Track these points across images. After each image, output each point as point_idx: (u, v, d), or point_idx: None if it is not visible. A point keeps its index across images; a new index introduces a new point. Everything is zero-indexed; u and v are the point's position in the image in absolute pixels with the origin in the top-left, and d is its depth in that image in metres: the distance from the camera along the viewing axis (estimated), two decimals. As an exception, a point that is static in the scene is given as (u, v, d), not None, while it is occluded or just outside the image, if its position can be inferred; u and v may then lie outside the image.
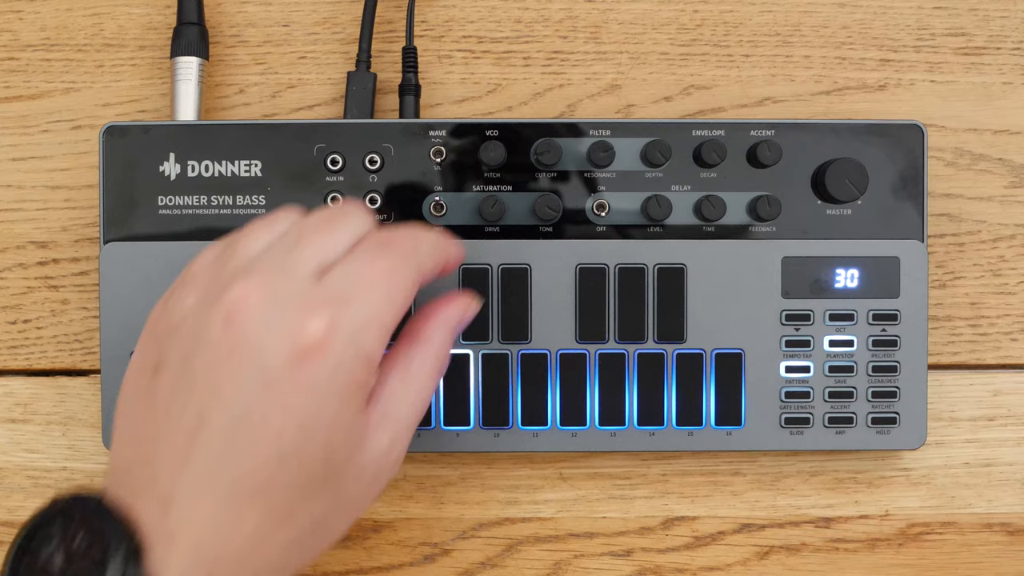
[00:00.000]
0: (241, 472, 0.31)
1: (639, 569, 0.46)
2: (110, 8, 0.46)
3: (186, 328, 0.32)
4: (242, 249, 0.34)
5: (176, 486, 0.31)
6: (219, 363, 0.31)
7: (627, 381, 0.43)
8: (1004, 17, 0.47)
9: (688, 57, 0.47)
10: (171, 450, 0.31)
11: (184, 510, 0.31)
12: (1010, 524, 0.46)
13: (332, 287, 0.32)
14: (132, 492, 0.31)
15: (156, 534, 0.30)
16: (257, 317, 0.31)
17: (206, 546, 0.31)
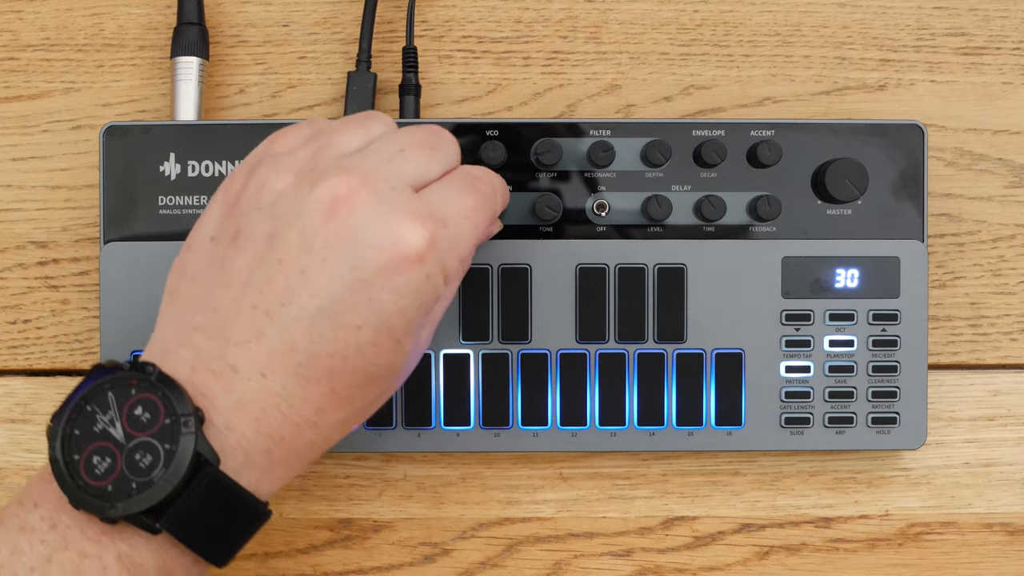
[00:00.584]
0: (317, 354, 0.32)
1: (639, 569, 0.46)
2: (110, 8, 0.46)
3: (279, 208, 0.32)
4: (338, 142, 0.34)
5: (248, 357, 0.31)
6: (314, 249, 0.31)
7: (627, 381, 0.43)
8: (1004, 17, 0.47)
9: (688, 57, 0.47)
10: (247, 322, 0.32)
11: (253, 381, 0.31)
12: (1010, 524, 0.46)
13: (432, 206, 0.33)
14: (193, 360, 0.32)
15: (220, 404, 0.31)
16: (362, 215, 0.32)
17: (269, 419, 0.32)
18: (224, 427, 0.31)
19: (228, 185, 0.35)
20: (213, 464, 0.31)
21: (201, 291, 0.33)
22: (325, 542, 0.46)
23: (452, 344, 0.43)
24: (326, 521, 0.46)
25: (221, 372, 0.32)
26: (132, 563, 0.31)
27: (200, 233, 0.34)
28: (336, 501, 0.46)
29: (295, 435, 0.32)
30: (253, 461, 0.32)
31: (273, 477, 0.33)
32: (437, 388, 0.43)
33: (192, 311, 0.33)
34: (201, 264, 0.34)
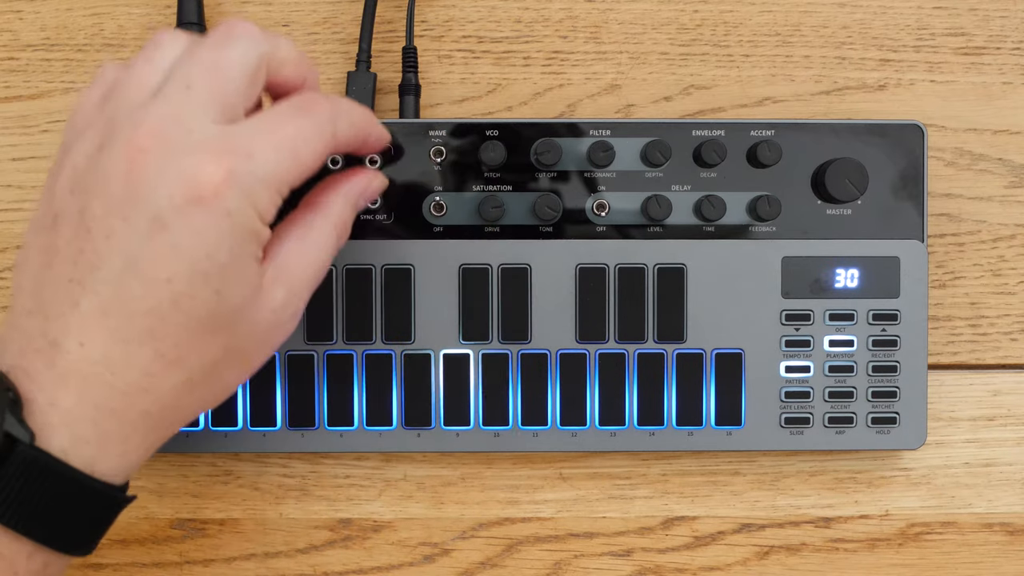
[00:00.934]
0: (132, 313, 0.31)
1: (639, 569, 0.46)
2: (110, 8, 0.46)
3: (85, 183, 0.32)
4: (129, 93, 0.33)
5: (66, 329, 0.31)
6: (115, 210, 0.31)
7: (627, 381, 0.43)
8: (1004, 17, 0.47)
9: (688, 57, 0.47)
10: (63, 295, 0.31)
11: (72, 352, 0.31)
12: (1010, 524, 0.46)
13: (235, 139, 0.32)
14: (20, 345, 0.32)
15: (42, 381, 0.31)
16: (155, 166, 0.31)
17: (94, 389, 0.31)
18: (47, 404, 0.31)
19: (48, 178, 0.35)
20: (24, 442, 0.30)
21: (29, 279, 0.33)
22: (325, 542, 0.46)
23: (452, 344, 0.43)
24: (326, 521, 0.46)
25: (43, 349, 0.31)
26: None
27: (29, 228, 0.34)
28: (336, 501, 0.46)
29: (125, 404, 0.31)
30: (81, 437, 0.31)
31: (111, 453, 0.32)
32: (437, 388, 0.43)
33: (23, 299, 0.33)
34: (28, 255, 0.33)
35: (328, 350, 0.43)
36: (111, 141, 0.32)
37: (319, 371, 0.43)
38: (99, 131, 0.33)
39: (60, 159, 0.34)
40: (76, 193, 0.32)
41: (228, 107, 0.32)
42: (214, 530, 0.46)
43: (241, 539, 0.46)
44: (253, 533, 0.46)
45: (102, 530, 0.33)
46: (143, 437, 0.33)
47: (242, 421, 0.43)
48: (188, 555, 0.46)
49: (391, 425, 0.43)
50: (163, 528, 0.46)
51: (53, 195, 0.33)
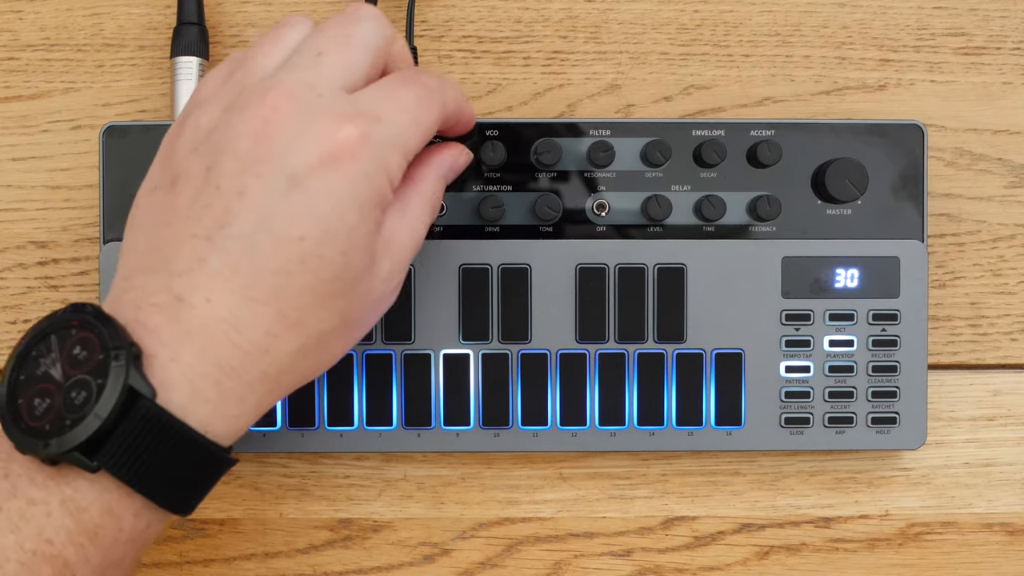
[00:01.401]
0: (261, 272, 0.31)
1: (639, 569, 0.46)
2: (110, 8, 0.46)
3: (212, 142, 0.32)
4: (257, 65, 0.34)
5: (192, 284, 0.31)
6: (247, 169, 0.31)
7: (627, 381, 0.43)
8: (1004, 17, 0.47)
9: (688, 57, 0.47)
10: (189, 251, 0.31)
11: (197, 308, 0.31)
12: (1010, 524, 0.46)
13: (363, 104, 0.33)
14: (138, 301, 0.31)
15: (164, 336, 0.31)
16: (289, 127, 0.31)
17: (217, 346, 0.31)
18: (169, 359, 0.31)
19: (163, 144, 0.35)
20: (147, 397, 0.30)
21: (145, 238, 0.33)
22: (325, 542, 0.46)
23: (452, 344, 0.43)
24: (326, 521, 0.46)
25: (165, 304, 0.31)
26: (76, 507, 0.30)
27: (141, 190, 0.34)
28: (336, 501, 0.46)
29: (245, 364, 0.31)
30: (201, 394, 0.31)
31: (226, 415, 0.32)
32: (437, 388, 0.43)
33: (138, 257, 0.33)
34: (143, 214, 0.33)
35: (328, 350, 0.43)
36: (241, 104, 0.32)
37: (319, 371, 0.43)
38: (225, 97, 0.33)
39: (179, 124, 0.34)
40: (201, 152, 0.32)
41: (354, 78, 0.33)
42: (214, 530, 0.46)
43: (241, 539, 0.46)
44: (253, 533, 0.46)
45: (205, 491, 0.33)
46: (258, 400, 0.32)
47: (242, 421, 0.43)
48: (188, 555, 0.46)
49: (391, 425, 0.43)
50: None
51: (172, 155, 0.33)
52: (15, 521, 0.30)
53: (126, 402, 0.30)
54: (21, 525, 0.30)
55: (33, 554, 0.30)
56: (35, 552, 0.30)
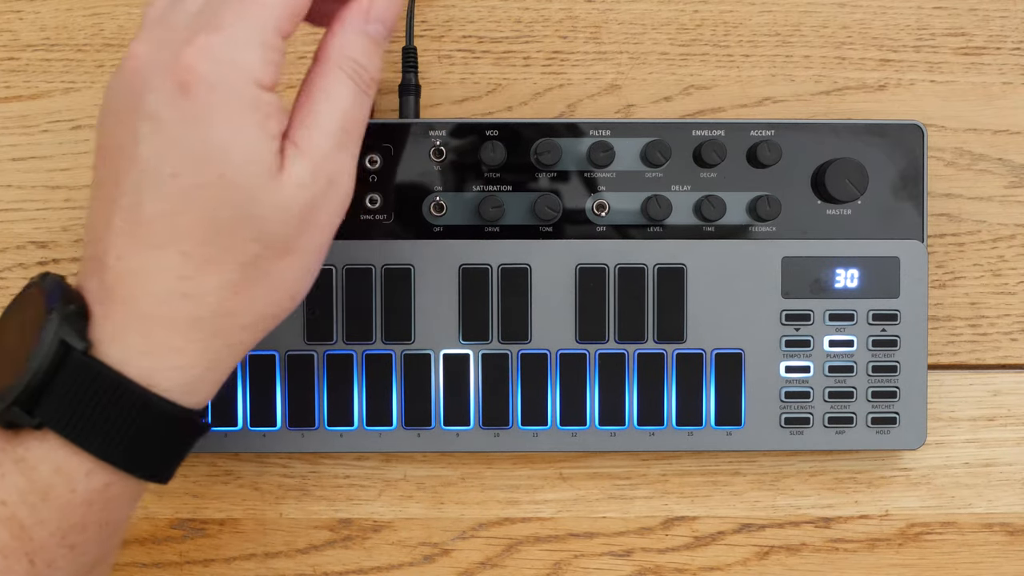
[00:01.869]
0: (151, 218, 0.31)
1: (639, 569, 0.46)
2: (110, 8, 0.46)
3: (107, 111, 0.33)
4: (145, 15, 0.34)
5: (105, 246, 0.32)
6: (123, 124, 0.32)
7: (627, 381, 0.43)
8: (1004, 17, 0.47)
9: (688, 57, 0.47)
10: (102, 217, 0.32)
11: (112, 266, 0.32)
12: (1010, 524, 0.46)
13: (204, 18, 0.31)
14: (82, 268, 0.33)
15: (96, 296, 0.32)
16: (143, 68, 0.31)
17: (136, 298, 0.31)
18: (103, 317, 0.31)
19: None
20: (78, 349, 0.30)
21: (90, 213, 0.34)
22: (325, 542, 0.46)
23: (452, 344, 0.43)
24: (326, 521, 0.46)
25: (94, 268, 0.32)
26: (27, 466, 0.31)
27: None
28: (336, 501, 0.46)
29: (170, 312, 0.31)
30: (134, 346, 0.31)
31: (168, 366, 0.31)
32: (437, 388, 0.43)
33: (87, 230, 0.34)
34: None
35: (328, 350, 0.43)
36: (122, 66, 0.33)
37: (319, 371, 0.43)
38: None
39: None
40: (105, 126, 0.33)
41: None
42: (214, 530, 0.46)
43: (241, 539, 0.46)
44: (253, 533, 0.46)
45: (171, 454, 0.33)
46: (201, 350, 0.32)
47: (242, 421, 0.43)
48: (188, 555, 0.46)
49: (391, 425, 0.43)
50: (163, 528, 0.46)
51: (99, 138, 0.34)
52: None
53: (59, 355, 0.30)
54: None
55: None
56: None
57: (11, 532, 0.31)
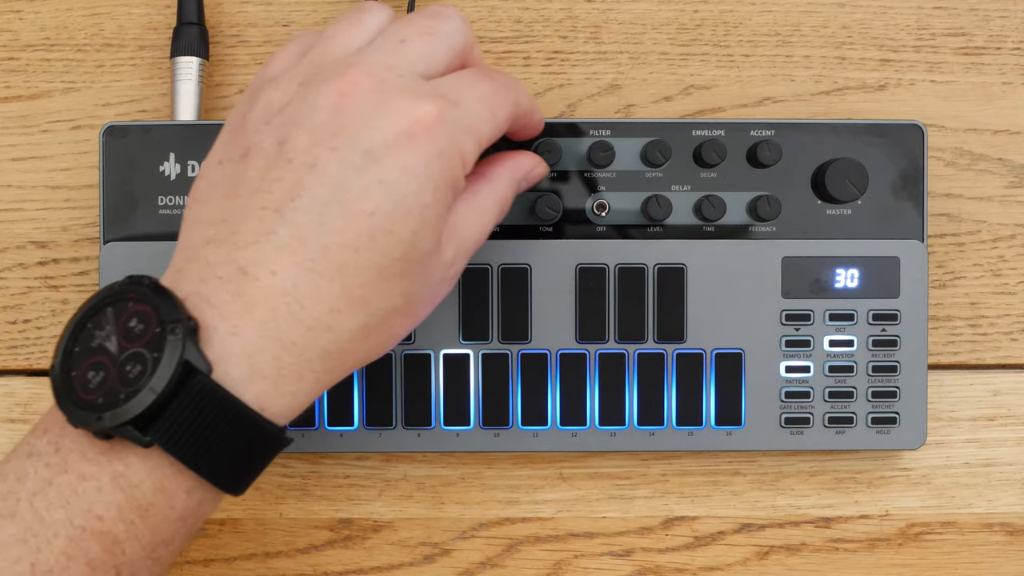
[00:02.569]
0: (328, 246, 0.31)
1: (639, 569, 0.46)
2: (110, 8, 0.46)
3: (286, 115, 0.32)
4: (336, 46, 0.34)
5: (258, 257, 0.31)
6: (323, 142, 0.31)
7: (627, 381, 0.43)
8: (1004, 17, 0.47)
9: (688, 57, 0.47)
10: (257, 222, 0.31)
11: (261, 280, 0.30)
12: (1010, 524, 0.46)
13: (441, 88, 0.33)
14: (201, 271, 0.31)
15: (225, 310, 0.30)
16: (368, 101, 0.31)
17: (279, 320, 0.30)
18: (228, 333, 0.30)
19: (232, 117, 0.35)
20: (203, 372, 0.29)
21: (211, 209, 0.32)
22: (325, 542, 0.46)
23: (452, 344, 0.43)
24: (326, 521, 0.46)
25: (229, 277, 0.31)
26: (127, 483, 0.30)
27: (208, 161, 0.34)
28: (336, 501, 0.46)
29: (307, 340, 0.31)
30: (259, 369, 0.30)
31: (283, 392, 0.31)
32: (437, 388, 0.43)
33: (203, 228, 0.32)
34: (210, 186, 0.33)
35: (328, 350, 0.43)
36: (318, 79, 0.32)
37: (319, 371, 0.43)
38: (300, 73, 0.33)
39: (251, 97, 0.34)
40: (274, 126, 0.32)
41: (433, 70, 0.33)
42: (214, 530, 0.46)
43: (241, 539, 0.46)
44: (253, 533, 0.46)
45: (258, 471, 0.33)
46: (316, 379, 0.32)
47: (242, 421, 0.43)
48: (188, 555, 0.46)
49: (391, 425, 0.43)
50: (163, 528, 0.46)
51: (243, 129, 0.33)
52: (66, 496, 0.30)
53: (181, 376, 0.29)
54: (72, 500, 0.30)
55: (83, 530, 0.30)
56: (84, 528, 0.30)
57: (104, 547, 0.30)
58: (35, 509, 0.30)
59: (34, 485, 0.30)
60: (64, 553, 0.29)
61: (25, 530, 0.29)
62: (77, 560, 0.30)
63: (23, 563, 0.29)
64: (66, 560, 0.29)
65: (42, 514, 0.30)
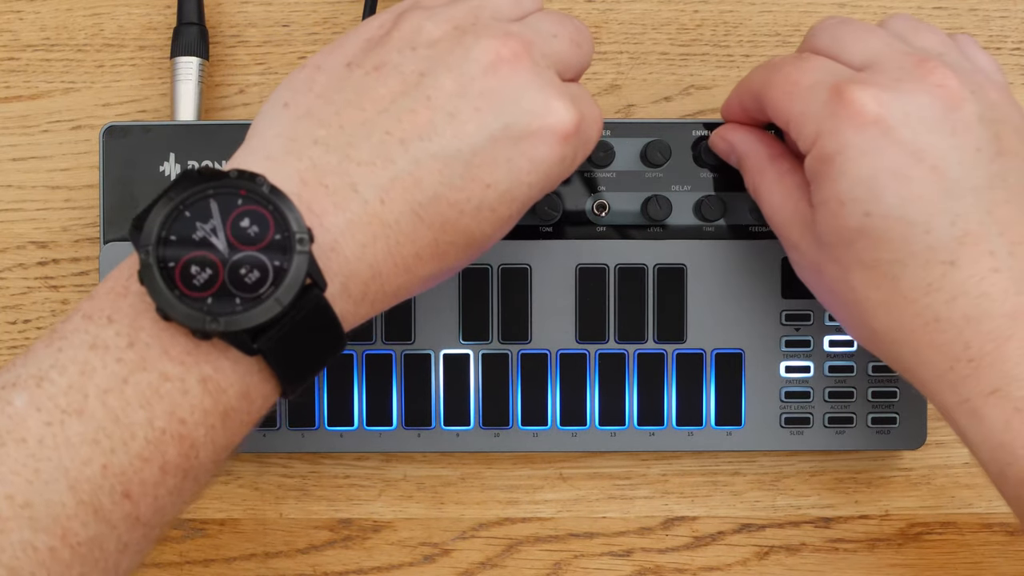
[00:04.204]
0: (439, 197, 0.31)
1: (639, 569, 0.46)
2: (110, 8, 0.46)
3: (436, 51, 0.32)
4: (495, 5, 0.34)
5: (372, 179, 0.31)
6: (468, 96, 0.31)
7: (627, 381, 0.43)
8: (1004, 17, 0.47)
9: (688, 57, 0.47)
10: (378, 144, 0.31)
11: (370, 204, 0.30)
12: (1010, 524, 0.46)
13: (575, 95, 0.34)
14: (305, 171, 0.30)
15: (328, 223, 0.30)
16: (523, 78, 0.32)
17: (376, 248, 0.31)
18: (329, 247, 0.30)
19: (367, 25, 0.34)
20: (321, 288, 0.29)
21: (327, 108, 0.32)
22: (325, 542, 0.46)
23: (452, 344, 0.43)
24: (326, 521, 0.46)
25: (337, 189, 0.30)
26: (216, 387, 0.29)
27: (334, 59, 0.33)
28: (336, 501, 0.46)
29: (391, 274, 0.31)
30: (348, 290, 0.30)
31: (358, 313, 0.31)
32: (437, 388, 0.43)
33: (312, 125, 0.31)
34: (332, 84, 0.32)
35: (328, 350, 0.43)
36: (476, 30, 0.32)
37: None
38: (458, 16, 0.33)
39: (397, 14, 0.34)
40: (420, 55, 0.32)
41: (564, 76, 0.34)
42: (214, 530, 0.46)
43: (241, 539, 0.46)
44: (253, 533, 0.46)
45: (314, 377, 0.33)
46: (382, 306, 0.32)
47: (242, 421, 0.43)
48: (188, 555, 0.46)
49: (391, 425, 0.43)
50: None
51: (384, 43, 0.33)
52: (146, 396, 0.28)
53: (302, 291, 0.29)
54: (153, 401, 0.28)
55: (163, 432, 0.28)
56: (165, 431, 0.28)
57: (181, 450, 0.29)
58: (108, 407, 0.28)
59: (104, 381, 0.28)
60: (140, 456, 0.28)
61: (97, 429, 0.28)
62: (152, 463, 0.28)
63: (94, 464, 0.27)
64: (140, 463, 0.28)
65: (117, 413, 0.28)
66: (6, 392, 0.28)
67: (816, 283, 0.37)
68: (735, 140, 0.40)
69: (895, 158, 0.33)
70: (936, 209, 0.32)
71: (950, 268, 0.32)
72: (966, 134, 0.33)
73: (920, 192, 0.32)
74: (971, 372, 0.32)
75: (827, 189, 0.34)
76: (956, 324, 0.33)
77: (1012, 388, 0.32)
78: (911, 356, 0.34)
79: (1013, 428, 0.32)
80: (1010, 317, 0.32)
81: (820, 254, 0.36)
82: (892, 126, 0.33)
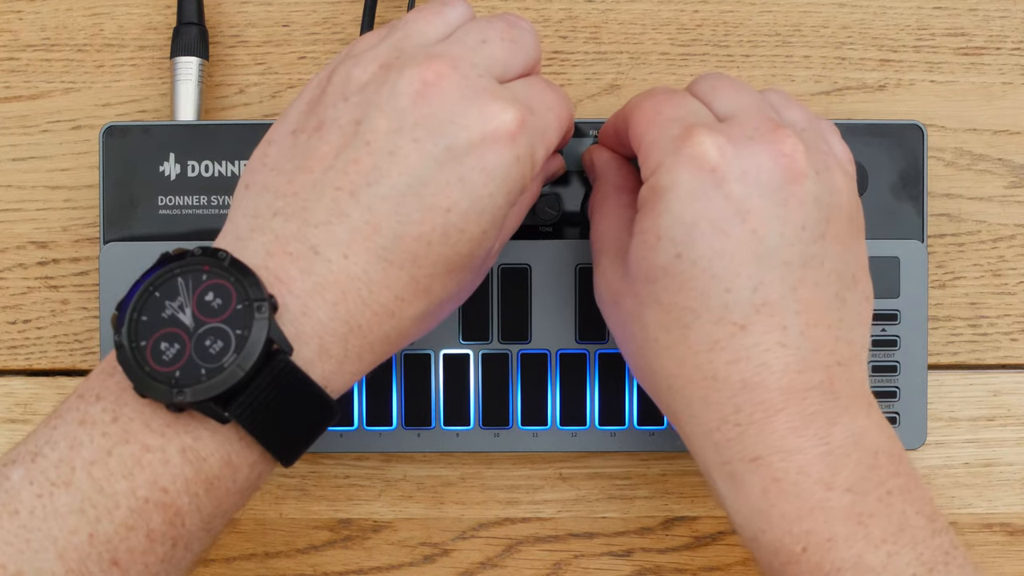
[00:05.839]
0: (401, 236, 0.31)
1: (639, 569, 0.46)
2: (110, 8, 0.47)
3: (366, 95, 0.32)
4: (418, 31, 0.34)
5: (330, 238, 0.31)
6: (404, 130, 0.31)
7: (627, 381, 0.43)
8: (1004, 17, 0.47)
9: (688, 57, 0.47)
10: (330, 202, 0.31)
11: (333, 263, 0.31)
12: (1010, 524, 0.46)
13: (519, 94, 0.33)
14: (269, 244, 0.31)
15: (296, 288, 0.31)
16: (452, 96, 0.32)
17: (349, 303, 0.31)
18: (300, 312, 0.30)
19: (308, 88, 0.35)
20: (286, 352, 0.30)
21: (280, 179, 0.32)
22: (325, 542, 0.46)
23: (452, 344, 0.43)
24: (326, 521, 0.46)
25: (300, 254, 0.31)
26: (196, 456, 0.30)
27: (281, 129, 0.34)
28: (336, 501, 0.46)
29: (372, 324, 0.31)
30: (328, 351, 0.31)
31: (345, 371, 0.32)
32: (437, 388, 0.43)
33: (271, 198, 0.32)
34: (282, 155, 0.33)
35: (328, 350, 0.43)
36: (401, 64, 0.32)
37: (319, 371, 0.43)
38: (382, 55, 0.33)
39: (330, 71, 0.34)
40: (352, 104, 0.32)
41: (507, 77, 0.34)
42: (214, 530, 0.46)
43: (241, 539, 0.46)
44: (253, 533, 0.46)
45: (310, 445, 0.33)
46: (373, 360, 0.33)
47: (242, 421, 0.43)
48: (188, 555, 0.46)
49: (391, 425, 0.43)
50: (163, 528, 0.46)
51: (320, 102, 0.33)
52: (129, 467, 0.29)
53: (265, 356, 0.29)
54: (135, 471, 0.29)
55: (146, 501, 0.29)
56: (148, 499, 0.29)
57: (166, 518, 0.30)
58: (94, 479, 0.29)
59: (91, 454, 0.29)
60: (125, 524, 0.29)
61: (83, 500, 0.29)
62: (137, 531, 0.29)
63: (81, 533, 0.29)
64: (126, 531, 0.29)
65: (102, 484, 0.29)
66: (6, 468, 0.30)
67: (612, 314, 0.37)
68: (597, 160, 0.40)
69: (719, 210, 0.33)
70: (743, 271, 0.33)
71: (740, 331, 0.33)
72: (797, 209, 0.33)
73: (733, 250, 0.33)
74: (736, 436, 0.33)
75: (649, 220, 0.34)
76: (732, 386, 0.33)
77: (774, 458, 0.32)
78: (684, 407, 0.34)
79: (770, 496, 0.32)
80: (784, 392, 0.32)
81: (623, 284, 0.36)
82: (726, 178, 0.33)
